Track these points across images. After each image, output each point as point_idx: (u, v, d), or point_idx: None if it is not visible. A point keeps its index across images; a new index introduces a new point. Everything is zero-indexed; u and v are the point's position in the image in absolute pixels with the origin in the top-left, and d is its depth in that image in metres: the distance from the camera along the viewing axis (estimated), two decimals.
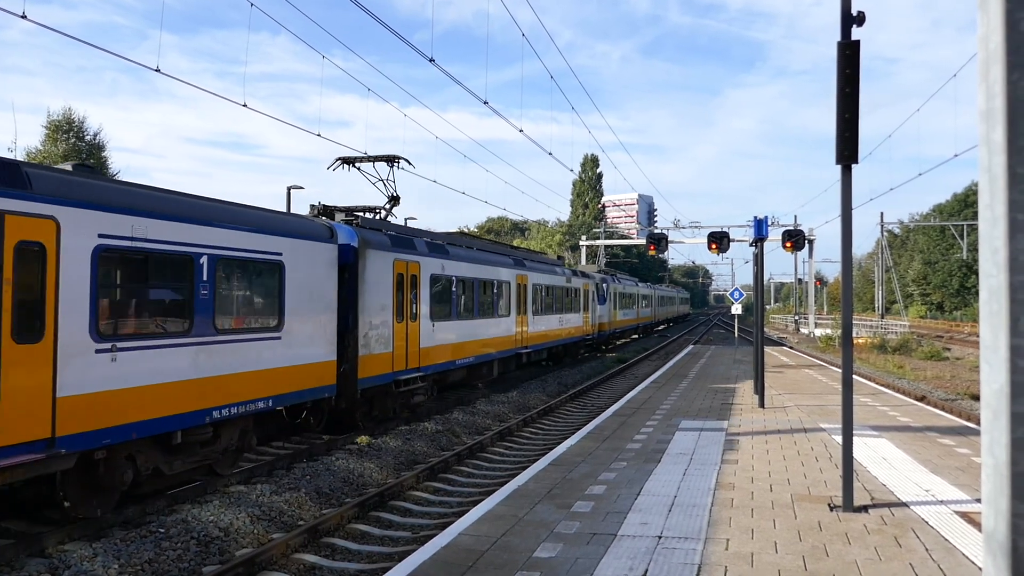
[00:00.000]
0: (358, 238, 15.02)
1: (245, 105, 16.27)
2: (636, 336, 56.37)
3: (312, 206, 16.58)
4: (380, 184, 18.46)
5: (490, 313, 22.17)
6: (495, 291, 22.65)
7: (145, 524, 9.49)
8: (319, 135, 20.02)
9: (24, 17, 10.95)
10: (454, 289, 19.49)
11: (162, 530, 9.16)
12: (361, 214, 16.98)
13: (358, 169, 18.47)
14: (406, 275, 16.72)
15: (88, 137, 44.50)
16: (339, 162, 18.27)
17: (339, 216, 16.12)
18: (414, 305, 17.03)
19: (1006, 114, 1.37)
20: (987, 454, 1.42)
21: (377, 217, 17.81)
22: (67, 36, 22.28)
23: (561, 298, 30.52)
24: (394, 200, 18.42)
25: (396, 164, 18.26)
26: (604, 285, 41.24)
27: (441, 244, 19.59)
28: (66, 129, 43.85)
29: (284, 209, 25.90)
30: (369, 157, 18.27)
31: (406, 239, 17.37)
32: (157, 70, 13.33)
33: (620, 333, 48.36)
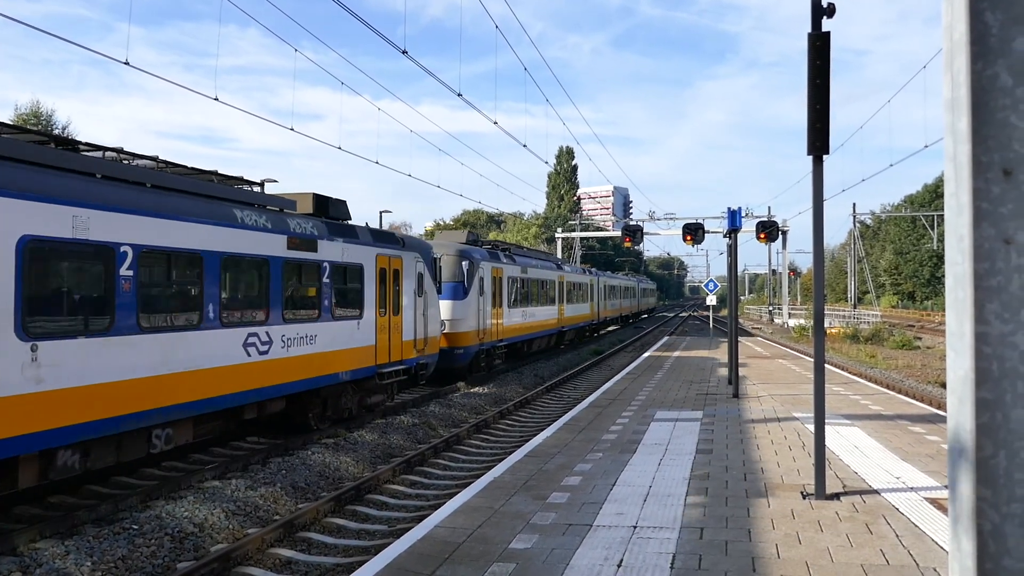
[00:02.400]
0: None
1: (216, 99, 16.06)
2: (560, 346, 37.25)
3: None
4: None
5: None
6: None
7: (118, 521, 9.39)
8: (292, 129, 19.84)
9: None
10: None
11: (135, 526, 9.07)
12: None
13: None
14: None
15: (56, 131, 43.88)
16: None
17: None
18: None
19: (970, 103, 1.39)
20: (953, 440, 1.44)
21: None
22: (36, 29, 21.89)
23: (262, 286, 13.05)
24: None
25: None
26: (463, 264, 23.51)
27: None
28: (34, 123, 43.22)
29: None
30: None
31: None
32: (126, 63, 13.12)
33: (512, 347, 28.68)
